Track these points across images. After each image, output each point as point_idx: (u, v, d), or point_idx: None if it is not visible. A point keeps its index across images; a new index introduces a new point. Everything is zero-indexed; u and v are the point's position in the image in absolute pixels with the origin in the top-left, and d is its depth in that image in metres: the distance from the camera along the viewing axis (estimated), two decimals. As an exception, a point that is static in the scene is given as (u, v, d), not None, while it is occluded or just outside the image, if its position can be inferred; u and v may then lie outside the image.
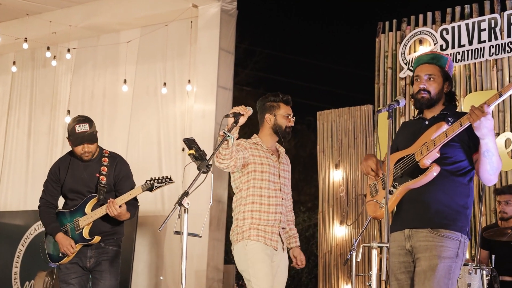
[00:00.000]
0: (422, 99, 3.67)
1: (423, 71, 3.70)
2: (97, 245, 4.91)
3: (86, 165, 4.96)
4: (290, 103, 4.58)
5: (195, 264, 7.50)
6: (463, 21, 7.07)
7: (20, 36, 8.38)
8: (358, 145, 7.71)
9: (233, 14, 8.10)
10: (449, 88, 3.71)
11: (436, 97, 3.66)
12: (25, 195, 9.19)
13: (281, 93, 4.59)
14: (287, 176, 4.61)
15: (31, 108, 9.44)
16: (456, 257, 3.46)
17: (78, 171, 4.96)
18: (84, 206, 4.91)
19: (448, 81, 3.71)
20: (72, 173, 4.96)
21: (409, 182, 3.54)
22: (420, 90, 3.67)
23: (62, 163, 5.01)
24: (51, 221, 4.93)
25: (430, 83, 3.66)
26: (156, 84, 8.40)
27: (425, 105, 3.69)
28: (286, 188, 4.57)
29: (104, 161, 4.98)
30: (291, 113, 4.55)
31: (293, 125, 4.60)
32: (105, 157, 5.00)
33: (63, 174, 4.97)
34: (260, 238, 4.31)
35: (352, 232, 7.50)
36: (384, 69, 7.58)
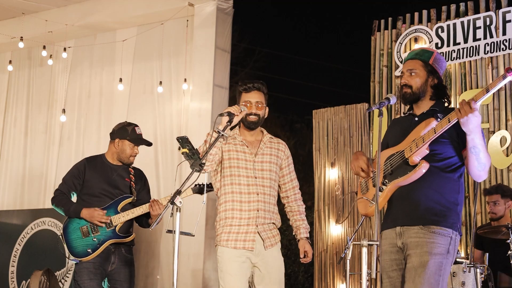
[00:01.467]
0: (405, 94, 3.70)
1: (405, 67, 3.73)
2: (120, 251, 5.08)
3: (115, 169, 5.21)
4: (252, 90, 4.29)
5: (192, 263, 7.50)
6: (458, 19, 7.07)
7: (16, 35, 8.37)
8: (353, 144, 7.71)
9: (229, 13, 8.09)
10: (434, 82, 3.70)
11: (419, 91, 3.67)
12: (22, 194, 9.19)
13: (243, 81, 4.39)
14: (267, 168, 4.29)
15: (28, 107, 9.44)
16: (447, 253, 3.47)
17: (107, 173, 5.18)
18: (116, 205, 5.10)
19: (433, 75, 3.70)
20: (102, 174, 5.15)
21: (399, 179, 3.53)
22: (402, 85, 3.70)
23: (90, 163, 5.21)
24: (71, 203, 5.08)
25: (411, 77, 3.68)
26: (152, 83, 8.40)
27: (408, 100, 3.71)
28: (266, 181, 4.26)
29: (131, 171, 5.27)
30: (252, 99, 4.26)
31: (255, 112, 4.26)
32: (130, 168, 5.31)
33: (89, 173, 5.14)
34: (229, 242, 4.19)
35: (348, 231, 7.50)
36: (380, 67, 7.58)
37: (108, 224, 5.01)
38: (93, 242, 4.99)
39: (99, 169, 5.17)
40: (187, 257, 7.51)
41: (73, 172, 5.19)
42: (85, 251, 4.96)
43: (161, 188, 8.04)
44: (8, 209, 9.14)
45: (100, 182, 5.13)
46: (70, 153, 8.87)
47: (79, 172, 5.15)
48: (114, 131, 5.25)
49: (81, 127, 8.90)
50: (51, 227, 8.31)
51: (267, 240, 4.24)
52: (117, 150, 5.19)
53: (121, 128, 5.23)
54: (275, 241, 4.30)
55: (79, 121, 8.91)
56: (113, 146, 5.22)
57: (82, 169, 5.16)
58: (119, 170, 5.22)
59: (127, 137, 5.17)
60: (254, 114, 4.26)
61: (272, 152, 4.33)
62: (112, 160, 5.23)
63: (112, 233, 5.04)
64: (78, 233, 5.01)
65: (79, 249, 4.97)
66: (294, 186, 4.44)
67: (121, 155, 5.19)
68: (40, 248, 8.36)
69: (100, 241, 5.00)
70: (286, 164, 4.40)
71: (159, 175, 8.11)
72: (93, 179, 5.14)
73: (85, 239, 4.99)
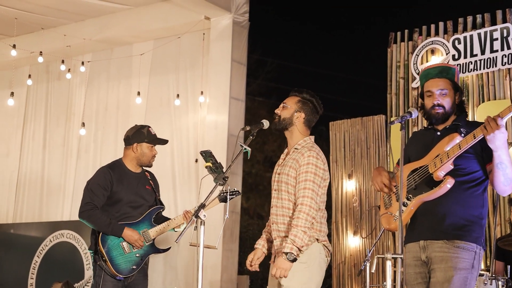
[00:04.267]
0: (437, 114, 3.68)
1: (435, 86, 3.70)
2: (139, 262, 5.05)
3: (137, 176, 5.17)
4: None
5: (209, 275, 7.53)
6: (475, 30, 7.08)
7: (35, 49, 8.47)
8: (370, 156, 7.73)
9: (245, 26, 8.16)
10: (460, 99, 3.73)
11: (451, 110, 3.68)
12: (40, 206, 9.27)
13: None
14: (284, 180, 4.09)
15: (46, 120, 9.53)
16: (471, 268, 3.47)
17: (132, 183, 5.12)
18: (150, 217, 5.09)
19: (458, 92, 3.74)
20: (128, 185, 5.09)
21: (424, 194, 3.54)
22: (434, 105, 3.67)
23: (115, 173, 5.08)
24: (110, 220, 4.95)
25: (443, 98, 3.67)
26: (169, 96, 8.47)
27: (440, 121, 3.69)
28: (283, 193, 4.08)
29: (147, 175, 5.24)
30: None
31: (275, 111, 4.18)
32: (147, 172, 5.28)
33: (116, 185, 5.04)
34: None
35: (365, 243, 7.49)
36: (397, 79, 7.60)
37: (146, 238, 5.00)
38: (136, 259, 4.97)
39: (125, 180, 5.09)
40: (204, 269, 7.40)
41: (101, 182, 5.03)
42: (130, 268, 4.93)
43: (178, 200, 8.08)
44: (27, 222, 9.22)
45: (128, 195, 5.06)
46: (87, 165, 8.94)
47: (106, 182, 5.02)
48: (129, 137, 5.15)
49: (98, 140, 8.97)
50: (70, 239, 8.37)
51: (278, 254, 4.04)
52: (137, 154, 5.11)
53: (137, 131, 5.16)
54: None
55: (97, 134, 8.99)
56: (131, 152, 5.12)
57: (109, 178, 5.03)
58: (141, 178, 5.18)
59: (144, 139, 5.11)
60: (274, 113, 4.20)
61: (292, 164, 4.08)
62: (131, 167, 5.15)
63: (151, 247, 5.05)
64: (120, 249, 4.94)
65: (123, 266, 4.91)
66: (300, 196, 4.00)
67: (142, 159, 5.13)
68: (59, 260, 8.42)
69: (142, 257, 5.01)
70: (299, 173, 4.04)
71: (176, 187, 8.15)
72: (121, 191, 5.05)
73: (127, 256, 4.95)
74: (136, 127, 5.22)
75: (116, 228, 4.92)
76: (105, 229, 4.92)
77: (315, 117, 4.23)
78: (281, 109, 4.16)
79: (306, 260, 3.93)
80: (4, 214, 9.57)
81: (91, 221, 4.94)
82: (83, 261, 8.19)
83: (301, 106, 4.15)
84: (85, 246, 8.15)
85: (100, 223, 4.92)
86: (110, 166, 5.16)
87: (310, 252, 3.94)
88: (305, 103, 4.16)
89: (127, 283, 5.00)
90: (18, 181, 9.60)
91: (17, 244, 8.97)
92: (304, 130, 4.17)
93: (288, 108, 4.15)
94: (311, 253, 3.95)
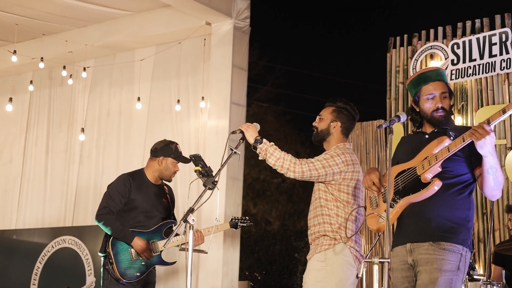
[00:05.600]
0: (440, 117, 3.66)
1: (438, 90, 3.69)
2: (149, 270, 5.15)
3: (155, 187, 5.29)
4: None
5: (210, 281, 7.52)
6: (474, 35, 7.07)
7: (37, 55, 8.50)
8: (370, 160, 7.71)
9: (246, 31, 8.16)
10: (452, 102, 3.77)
11: (449, 113, 3.71)
12: (43, 212, 9.29)
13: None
14: (315, 187, 4.26)
15: (49, 126, 9.57)
16: (457, 270, 3.45)
17: (150, 194, 5.24)
18: (161, 230, 5.19)
19: (452, 95, 3.77)
20: (146, 195, 5.21)
21: (411, 196, 3.53)
22: (438, 109, 3.66)
23: (134, 181, 5.23)
24: (123, 227, 5.08)
25: (444, 101, 3.68)
26: (170, 101, 8.48)
27: (443, 124, 3.67)
28: (314, 199, 4.21)
29: (165, 189, 5.37)
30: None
31: (313, 124, 4.29)
32: (165, 186, 5.41)
33: (134, 192, 5.18)
34: None
35: (364, 247, 7.47)
36: (396, 84, 7.60)
37: (154, 249, 5.10)
38: (141, 266, 5.08)
39: (143, 189, 5.22)
40: (205, 274, 7.53)
41: (120, 189, 5.18)
42: (134, 274, 5.04)
43: (179, 206, 8.07)
44: (29, 228, 9.24)
45: (144, 203, 5.18)
46: (90, 171, 8.97)
47: (125, 189, 5.16)
48: (157, 149, 5.29)
49: (100, 146, 8.99)
50: (72, 245, 8.38)
51: (311, 252, 4.14)
52: (161, 167, 5.24)
53: (165, 146, 5.30)
54: (313, 252, 4.11)
55: (99, 140, 9.01)
56: (156, 164, 5.25)
57: (128, 186, 5.17)
58: (159, 191, 5.31)
59: (171, 154, 5.24)
60: (312, 126, 4.28)
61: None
62: (152, 178, 5.28)
63: (158, 258, 5.15)
64: (128, 255, 5.06)
65: (128, 271, 5.03)
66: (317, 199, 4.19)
67: (165, 173, 5.25)
68: (61, 266, 8.43)
69: (147, 265, 5.10)
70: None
71: (177, 193, 8.12)
72: (138, 200, 5.18)
73: (134, 262, 5.06)
74: (165, 141, 5.38)
75: (128, 235, 5.04)
76: (117, 235, 5.06)
77: (352, 124, 4.32)
78: (318, 122, 4.24)
79: (324, 259, 3.99)
80: (8, 220, 9.60)
81: (106, 225, 5.08)
82: (84, 267, 8.20)
83: (337, 115, 4.23)
84: (86, 252, 8.16)
85: (114, 228, 5.06)
86: (131, 174, 5.32)
87: (332, 252, 3.99)
88: (340, 112, 4.25)
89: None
90: (21, 187, 9.63)
91: (20, 250, 8.99)
92: (341, 138, 4.25)
93: (324, 119, 4.23)
94: (332, 253, 3.99)
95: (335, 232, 4.01)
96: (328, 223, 4.04)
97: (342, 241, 3.98)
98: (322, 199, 4.10)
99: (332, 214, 4.04)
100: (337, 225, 4.02)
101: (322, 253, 3.99)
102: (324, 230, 4.04)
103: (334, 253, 3.97)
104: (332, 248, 3.99)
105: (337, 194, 4.07)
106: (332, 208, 4.06)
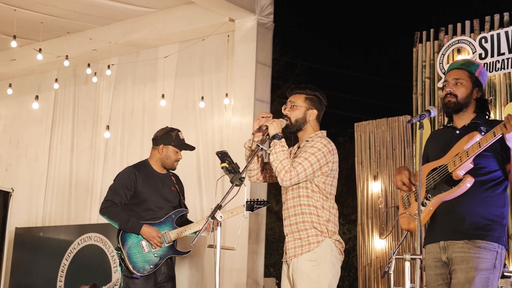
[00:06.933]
0: (448, 103, 3.63)
1: (451, 76, 3.67)
2: (167, 261, 5.07)
3: (162, 177, 5.21)
4: (290, 94, 4.14)
5: (235, 278, 7.50)
6: (502, 29, 6.95)
7: (62, 54, 8.54)
8: (396, 157, 7.64)
9: (270, 27, 8.13)
10: (479, 95, 3.65)
11: (464, 101, 3.61)
12: (69, 210, 9.34)
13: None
14: None
15: (74, 124, 9.62)
16: (493, 268, 3.40)
17: (157, 184, 5.16)
18: (172, 219, 5.11)
19: (478, 87, 3.65)
20: (152, 185, 5.13)
21: (443, 194, 3.48)
22: (447, 94, 3.63)
23: (140, 172, 5.14)
24: (129, 217, 4.99)
25: (457, 87, 3.62)
26: (194, 98, 8.47)
27: (451, 109, 3.63)
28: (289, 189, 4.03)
29: (173, 179, 5.27)
30: (287, 102, 4.13)
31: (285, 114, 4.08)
32: (171, 173, 5.31)
33: (141, 184, 5.09)
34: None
35: (392, 244, 7.41)
36: (422, 79, 7.50)
37: (167, 239, 5.03)
38: (154, 258, 5.00)
39: (150, 180, 5.14)
40: (230, 272, 7.51)
41: (124, 182, 5.09)
42: (147, 267, 4.96)
43: (204, 203, 8.07)
44: (55, 225, 9.30)
45: (152, 194, 5.10)
46: (114, 168, 8.97)
47: (130, 181, 5.07)
48: (157, 137, 5.22)
49: (125, 143, 9.02)
50: (97, 242, 8.42)
51: (290, 251, 3.97)
52: (161, 156, 5.17)
53: (165, 133, 5.22)
54: (300, 251, 3.93)
55: (123, 137, 9.04)
56: (157, 152, 5.19)
57: (133, 178, 5.08)
58: (166, 180, 5.23)
59: (171, 142, 5.17)
60: (286, 117, 4.08)
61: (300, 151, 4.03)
62: (157, 167, 5.20)
63: (171, 248, 5.08)
64: (139, 248, 4.99)
65: (140, 265, 4.95)
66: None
67: (166, 161, 5.18)
68: (87, 263, 8.48)
69: (160, 257, 5.02)
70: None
71: (202, 190, 8.14)
72: (145, 191, 5.09)
73: (145, 255, 4.99)
74: (166, 129, 5.29)
75: (135, 225, 4.97)
76: (124, 226, 4.99)
77: (323, 110, 4.17)
78: (290, 110, 4.06)
79: (316, 257, 3.86)
80: (34, 218, 9.67)
81: (110, 218, 5.03)
82: (110, 264, 8.23)
83: (311, 103, 4.08)
84: (112, 249, 8.20)
85: (119, 219, 4.99)
86: (136, 166, 5.23)
87: (321, 249, 3.87)
88: (313, 99, 4.10)
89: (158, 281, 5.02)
90: (47, 184, 9.69)
91: (46, 247, 9.05)
92: (317, 126, 4.12)
93: (299, 107, 4.06)
94: (322, 251, 3.87)
95: (323, 225, 3.90)
96: (315, 215, 3.90)
97: (328, 235, 3.89)
98: (308, 189, 3.94)
99: (319, 206, 3.92)
100: (325, 217, 3.91)
101: (312, 252, 3.86)
102: (312, 221, 3.90)
103: (323, 250, 3.87)
104: (321, 245, 3.88)
105: (323, 187, 3.95)
106: (318, 200, 3.93)
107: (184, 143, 5.26)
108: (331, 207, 3.97)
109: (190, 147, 5.29)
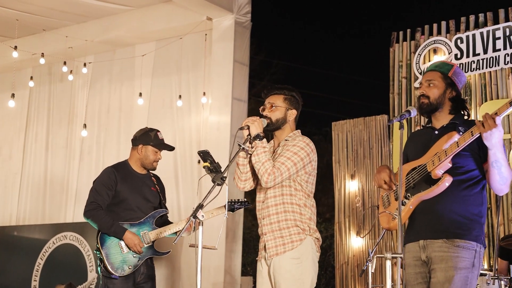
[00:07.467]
0: (422, 104, 3.70)
1: (424, 78, 3.74)
2: (146, 261, 5.07)
3: (142, 177, 5.22)
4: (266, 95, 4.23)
5: (212, 277, 7.50)
6: (477, 29, 7.04)
7: (37, 51, 8.45)
8: (373, 156, 7.69)
9: (247, 26, 8.13)
10: (453, 94, 3.69)
11: (436, 101, 3.67)
12: (43, 208, 9.26)
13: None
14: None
15: (49, 122, 9.52)
16: (472, 267, 3.44)
17: (137, 184, 5.17)
18: (152, 220, 5.11)
19: (451, 87, 3.70)
20: (132, 185, 5.14)
21: (422, 193, 3.52)
22: (420, 96, 3.71)
23: (119, 172, 5.16)
24: (113, 221, 4.99)
25: (429, 88, 3.69)
26: (171, 97, 8.44)
27: (425, 111, 3.71)
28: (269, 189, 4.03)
29: (153, 180, 5.28)
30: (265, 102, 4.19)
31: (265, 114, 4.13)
32: (152, 176, 5.32)
33: (120, 184, 5.10)
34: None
35: (369, 243, 7.47)
36: (399, 79, 7.57)
37: (146, 240, 5.03)
38: (133, 259, 5.00)
39: (129, 180, 5.15)
40: (207, 270, 7.50)
41: (105, 182, 5.11)
42: (125, 267, 4.96)
43: (181, 202, 8.06)
44: (29, 224, 9.21)
45: (132, 194, 5.11)
46: (90, 167, 8.93)
47: (110, 181, 5.08)
48: (136, 137, 5.23)
49: (101, 142, 8.96)
50: (73, 241, 8.36)
51: (271, 250, 3.98)
52: (141, 156, 5.18)
53: (144, 134, 5.22)
54: (283, 250, 3.94)
55: (99, 136, 8.98)
56: (136, 153, 5.20)
57: (113, 178, 5.09)
58: (146, 180, 5.23)
59: (150, 142, 5.17)
60: (266, 117, 4.12)
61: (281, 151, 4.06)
62: (136, 167, 5.22)
63: (150, 249, 5.07)
64: (118, 248, 5.00)
65: (118, 265, 4.95)
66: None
67: (145, 161, 5.18)
68: (62, 262, 8.41)
69: (139, 258, 5.02)
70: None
71: (179, 188, 8.13)
72: (125, 191, 5.10)
73: (124, 255, 4.98)
74: (145, 129, 5.30)
75: (118, 230, 4.97)
76: (107, 230, 4.98)
77: (300, 110, 4.24)
78: (270, 111, 4.12)
79: (299, 255, 3.90)
80: (8, 217, 9.57)
81: (94, 221, 5.02)
82: (86, 263, 8.17)
83: (290, 103, 4.15)
84: (88, 248, 8.14)
85: (103, 223, 4.99)
86: (115, 166, 5.24)
87: (304, 247, 3.92)
88: (291, 99, 4.16)
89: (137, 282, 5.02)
90: (21, 183, 9.59)
91: (21, 246, 8.96)
92: (294, 126, 4.21)
93: (279, 108, 4.12)
94: (304, 249, 3.92)
95: (305, 223, 3.95)
96: (298, 213, 3.94)
97: (309, 233, 3.95)
98: (292, 188, 3.97)
99: (301, 204, 3.97)
100: (307, 215, 3.96)
101: (296, 250, 3.90)
102: (295, 219, 3.93)
103: (306, 248, 3.92)
104: (303, 243, 3.91)
105: (305, 185, 4.00)
106: (301, 198, 3.98)
107: (163, 143, 5.26)
108: (312, 205, 4.04)
109: (169, 147, 5.29)
